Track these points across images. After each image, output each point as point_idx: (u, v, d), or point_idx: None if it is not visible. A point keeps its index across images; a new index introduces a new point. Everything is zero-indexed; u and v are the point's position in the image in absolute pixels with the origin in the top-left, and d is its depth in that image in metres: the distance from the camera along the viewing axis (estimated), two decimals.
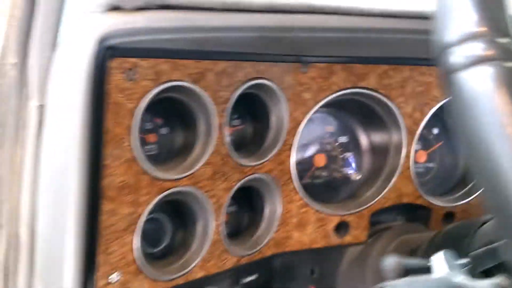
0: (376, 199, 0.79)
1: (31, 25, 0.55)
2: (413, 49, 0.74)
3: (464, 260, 0.50)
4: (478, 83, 0.30)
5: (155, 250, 0.67)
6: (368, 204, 0.79)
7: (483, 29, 0.32)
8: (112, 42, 0.49)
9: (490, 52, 0.30)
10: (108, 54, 0.50)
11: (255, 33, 0.56)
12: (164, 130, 0.66)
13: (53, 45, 0.56)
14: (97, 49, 0.48)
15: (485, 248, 0.50)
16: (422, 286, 0.40)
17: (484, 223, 0.61)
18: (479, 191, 0.34)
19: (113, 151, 0.53)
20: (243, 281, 0.73)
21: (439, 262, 0.43)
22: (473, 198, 0.86)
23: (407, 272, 0.54)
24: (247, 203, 0.76)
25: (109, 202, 0.54)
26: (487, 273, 0.50)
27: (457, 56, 0.32)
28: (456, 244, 0.59)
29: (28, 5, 0.54)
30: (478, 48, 0.31)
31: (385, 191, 0.79)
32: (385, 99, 0.75)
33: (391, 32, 0.65)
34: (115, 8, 0.49)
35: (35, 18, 0.54)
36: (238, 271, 0.72)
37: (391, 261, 0.51)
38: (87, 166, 0.51)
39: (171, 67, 0.56)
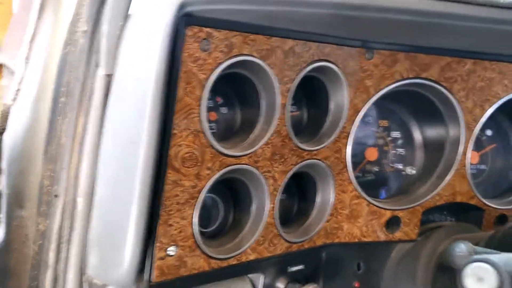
0: (430, 195, 0.77)
1: None
2: (478, 42, 0.72)
3: None
4: None
5: (207, 230, 0.66)
6: (421, 201, 0.77)
7: None
8: (190, 9, 0.49)
9: None
10: (185, 21, 0.50)
11: (327, 10, 0.55)
12: (223, 109, 0.66)
13: (125, 14, 0.56)
14: (175, 15, 0.48)
15: None
16: None
17: None
18: None
19: (182, 121, 0.53)
20: (290, 269, 0.72)
21: None
22: None
23: None
24: (296, 191, 0.75)
25: (174, 172, 0.54)
26: None
27: None
28: None
29: None
30: None
31: (439, 188, 0.77)
32: (446, 92, 0.73)
33: (462, 19, 0.63)
34: None
35: None
36: (286, 259, 0.70)
37: (463, 247, 0.49)
38: (156, 135, 0.51)
39: (242, 41, 0.55)
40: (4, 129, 0.67)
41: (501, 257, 0.40)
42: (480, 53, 0.74)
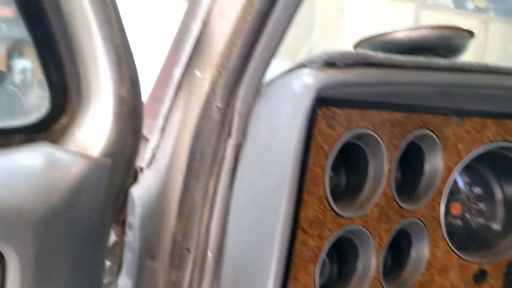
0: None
1: (241, 75, 0.64)
2: None
3: None
4: None
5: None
6: (506, 254, 0.82)
7: None
8: (323, 93, 0.57)
9: None
10: (318, 103, 0.58)
11: (435, 88, 0.62)
12: (330, 173, 0.73)
13: (257, 92, 0.64)
14: (313, 99, 0.56)
15: None
16: None
17: None
18: None
19: (311, 188, 0.60)
20: None
21: None
22: None
23: None
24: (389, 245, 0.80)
25: (303, 233, 0.61)
26: None
27: None
28: None
29: (241, 57, 0.63)
30: None
31: None
32: None
33: None
34: (329, 65, 0.57)
35: (246, 70, 0.63)
36: None
37: None
38: (293, 200, 0.58)
39: (359, 116, 0.63)
40: (132, 184, 0.76)
41: None
42: None
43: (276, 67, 0.65)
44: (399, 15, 3.54)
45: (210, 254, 0.66)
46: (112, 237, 0.90)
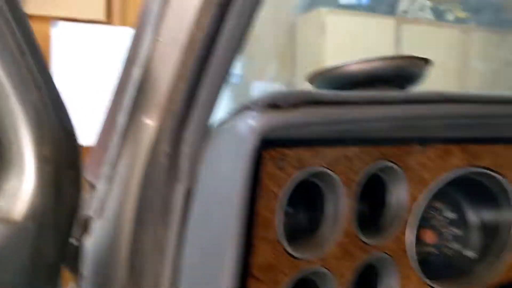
0: (489, 276, 0.78)
1: (187, 118, 0.61)
2: None
3: None
4: None
5: None
6: (481, 282, 0.78)
7: None
8: (269, 135, 0.54)
9: None
10: (263, 146, 0.55)
11: (390, 123, 0.60)
12: (290, 210, 0.70)
13: (204, 136, 0.62)
14: (257, 142, 0.53)
15: None
16: None
17: None
18: None
19: (261, 233, 0.57)
20: None
21: None
22: None
23: None
24: (358, 280, 0.77)
25: (255, 280, 0.57)
26: None
27: None
28: None
29: (186, 101, 0.60)
30: None
31: (496, 268, 0.78)
32: (499, 177, 0.76)
33: (507, 117, 0.67)
34: (273, 106, 0.54)
35: (191, 113, 0.60)
36: None
37: None
38: (239, 246, 0.55)
39: (311, 154, 0.60)
40: (83, 234, 0.73)
41: None
42: None
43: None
44: (380, 31, 3.56)
45: None
46: None
